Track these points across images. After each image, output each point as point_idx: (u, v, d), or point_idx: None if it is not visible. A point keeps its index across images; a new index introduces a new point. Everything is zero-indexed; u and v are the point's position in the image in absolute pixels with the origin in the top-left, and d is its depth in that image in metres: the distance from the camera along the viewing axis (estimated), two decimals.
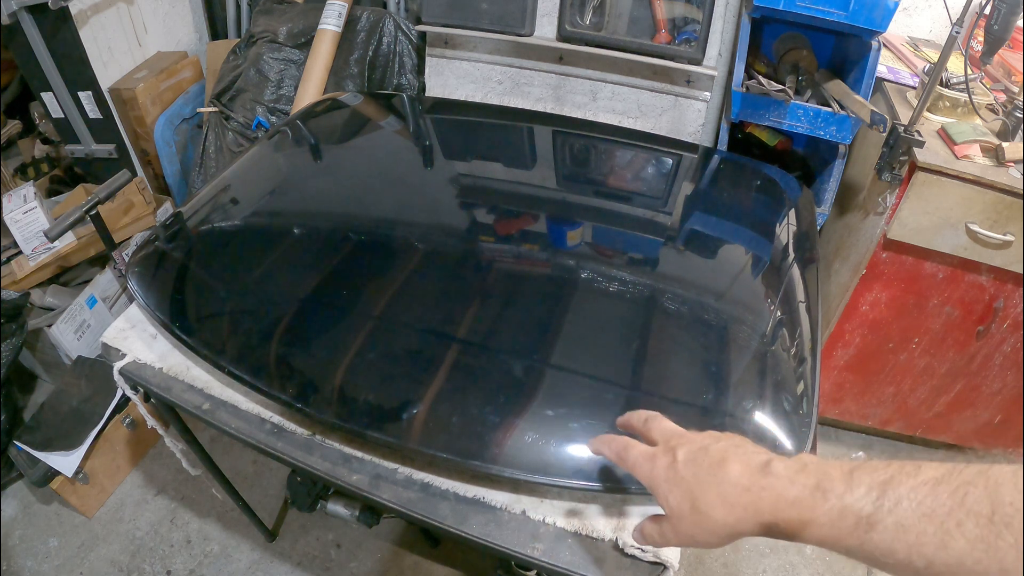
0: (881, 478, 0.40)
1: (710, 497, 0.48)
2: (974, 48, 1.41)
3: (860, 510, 0.40)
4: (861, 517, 0.40)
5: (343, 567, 1.50)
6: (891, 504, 0.39)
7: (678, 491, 0.50)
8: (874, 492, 0.40)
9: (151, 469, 1.69)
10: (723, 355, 0.83)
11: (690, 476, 0.50)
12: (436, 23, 1.57)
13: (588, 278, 0.93)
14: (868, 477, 0.41)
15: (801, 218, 1.12)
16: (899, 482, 0.39)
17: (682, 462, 0.51)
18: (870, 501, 0.40)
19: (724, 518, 0.47)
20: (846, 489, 0.41)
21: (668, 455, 0.52)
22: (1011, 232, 1.25)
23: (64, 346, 1.70)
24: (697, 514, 0.48)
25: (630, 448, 0.56)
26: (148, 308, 0.87)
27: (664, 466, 0.52)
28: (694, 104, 1.52)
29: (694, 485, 0.49)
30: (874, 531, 0.39)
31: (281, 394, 0.75)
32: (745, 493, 0.46)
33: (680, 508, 0.50)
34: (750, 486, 0.46)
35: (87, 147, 1.93)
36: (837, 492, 0.42)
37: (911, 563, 0.37)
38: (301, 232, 1.01)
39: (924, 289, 1.41)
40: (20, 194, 1.69)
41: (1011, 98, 1.34)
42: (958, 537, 0.35)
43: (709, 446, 0.51)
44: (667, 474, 0.51)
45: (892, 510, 0.38)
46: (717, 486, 0.48)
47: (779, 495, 0.45)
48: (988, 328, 1.42)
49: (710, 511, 0.48)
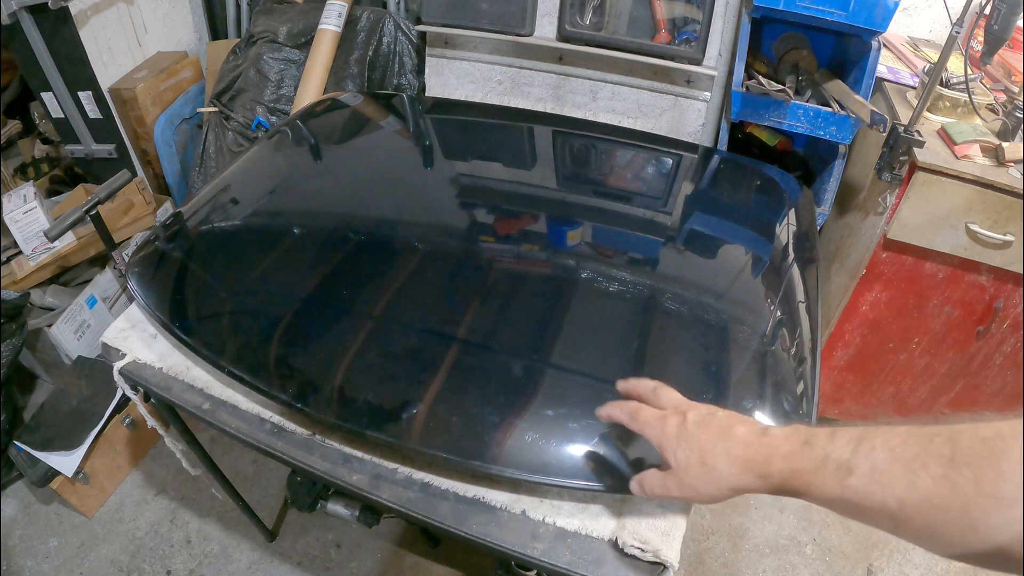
0: (858, 433, 0.46)
1: (717, 451, 0.54)
2: (974, 48, 1.41)
3: (839, 457, 0.46)
4: (841, 463, 0.45)
5: (343, 567, 1.50)
6: (866, 451, 0.44)
7: (687, 446, 0.56)
8: (852, 443, 0.46)
9: (151, 469, 1.69)
10: (723, 355, 0.83)
11: (700, 434, 0.56)
12: (436, 23, 1.57)
13: (588, 278, 0.93)
14: (848, 433, 0.47)
15: (801, 218, 1.12)
16: (874, 435, 0.45)
17: (692, 422, 0.57)
18: (848, 449, 0.45)
19: (728, 469, 0.53)
20: (828, 442, 0.48)
21: (679, 416, 0.58)
22: (1011, 232, 1.25)
23: (64, 346, 1.70)
24: (703, 466, 0.55)
25: (642, 410, 0.61)
26: (148, 308, 0.88)
27: (675, 425, 0.57)
28: (694, 104, 1.52)
29: (704, 441, 0.55)
30: (852, 476, 0.44)
31: (281, 394, 0.75)
32: (747, 448, 0.53)
33: (688, 461, 0.55)
34: (751, 443, 0.53)
35: (87, 147, 1.93)
36: (821, 444, 0.48)
37: (885, 505, 0.42)
38: (301, 232, 1.01)
39: (924, 289, 1.41)
40: (20, 194, 1.69)
41: (1011, 98, 1.34)
42: (924, 476, 0.40)
43: (716, 412, 0.58)
44: (678, 432, 0.57)
45: (867, 456, 0.44)
46: (724, 442, 0.54)
47: (774, 450, 0.51)
48: (988, 328, 1.42)
49: (716, 463, 0.54)
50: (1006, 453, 0.37)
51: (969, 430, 0.40)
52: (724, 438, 0.54)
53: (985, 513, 0.37)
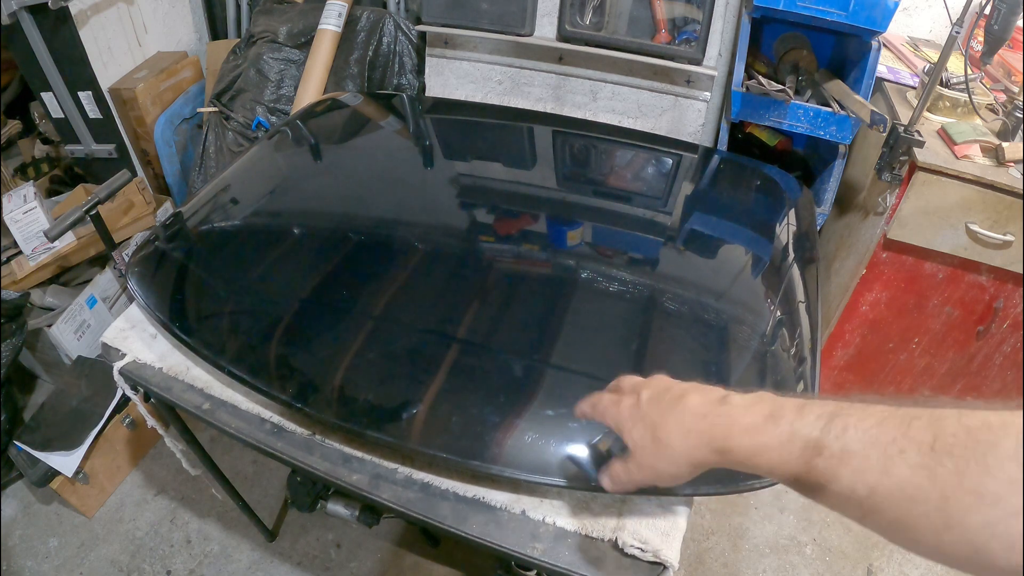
0: (830, 409, 0.41)
1: (669, 426, 0.51)
2: (974, 48, 1.41)
3: (808, 435, 0.41)
4: (809, 441, 0.41)
5: (343, 567, 1.50)
6: (838, 431, 0.40)
7: (641, 425, 0.53)
8: (823, 420, 0.41)
9: (151, 469, 1.69)
10: (723, 355, 0.83)
11: (652, 410, 0.53)
12: (436, 23, 1.57)
13: (588, 278, 0.93)
14: (819, 408, 0.42)
15: (801, 218, 1.12)
16: (848, 413, 0.40)
17: (645, 400, 0.54)
18: (818, 427, 0.41)
19: (681, 444, 0.50)
20: (796, 417, 0.43)
21: (633, 397, 0.55)
22: (1011, 232, 1.25)
23: (64, 346, 1.70)
24: (657, 444, 0.51)
25: (601, 398, 0.59)
26: (148, 308, 0.87)
27: (629, 406, 0.55)
28: (694, 104, 1.52)
29: (656, 417, 0.52)
30: (820, 456, 0.40)
31: (281, 394, 0.75)
32: (702, 420, 0.49)
33: (642, 440, 0.53)
34: (707, 414, 0.49)
35: (87, 147, 1.93)
36: (788, 419, 0.43)
37: (854, 491, 0.38)
38: (301, 232, 1.01)
39: (924, 289, 1.41)
40: (20, 194, 1.69)
41: (1011, 98, 1.34)
42: (900, 464, 0.36)
43: (672, 386, 0.54)
44: (631, 412, 0.54)
45: (839, 436, 0.40)
46: (676, 415, 0.50)
47: (734, 422, 0.47)
48: (988, 328, 1.42)
49: (669, 439, 0.50)
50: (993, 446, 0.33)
51: (953, 416, 0.36)
52: (677, 411, 0.51)
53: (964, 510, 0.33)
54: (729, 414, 0.48)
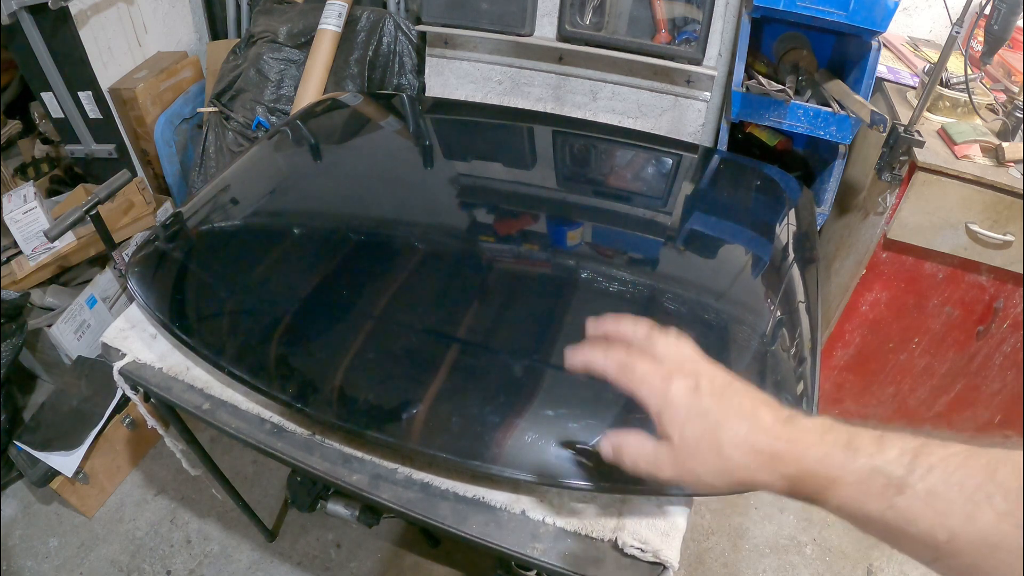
0: (912, 445, 0.38)
1: (736, 437, 0.44)
2: (974, 48, 1.41)
3: (891, 472, 0.38)
4: (892, 479, 0.38)
5: (343, 567, 1.50)
6: (923, 471, 0.37)
7: (700, 423, 0.45)
8: (906, 456, 0.38)
9: (151, 469, 1.69)
10: (723, 355, 0.82)
11: (716, 408, 0.45)
12: (436, 23, 1.57)
13: (588, 278, 0.93)
14: (900, 443, 0.39)
15: (801, 218, 1.12)
16: (931, 451, 0.38)
17: (707, 392, 0.46)
18: (902, 464, 0.38)
19: (745, 461, 0.44)
20: (877, 450, 0.39)
21: (688, 379, 0.47)
22: (1011, 232, 1.25)
23: (64, 346, 1.70)
24: (716, 453, 0.44)
25: (636, 362, 0.49)
26: (148, 308, 0.87)
27: (685, 390, 0.46)
28: (694, 104, 1.52)
29: (721, 419, 0.45)
30: (902, 496, 0.37)
31: (281, 394, 0.75)
32: (774, 441, 0.43)
33: (698, 442, 0.45)
34: (779, 434, 0.43)
35: (87, 147, 1.93)
36: (868, 452, 0.39)
37: (933, 535, 0.36)
38: (301, 232, 1.01)
39: (924, 289, 1.41)
40: (20, 194, 1.69)
41: (1011, 98, 1.34)
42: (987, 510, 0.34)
43: (734, 382, 0.47)
44: (688, 400, 0.46)
45: (924, 476, 0.37)
46: (746, 426, 0.44)
47: (807, 448, 0.42)
48: (988, 328, 1.42)
49: (732, 452, 0.44)
50: None
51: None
52: (745, 420, 0.44)
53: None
54: (801, 439, 0.42)
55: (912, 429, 0.40)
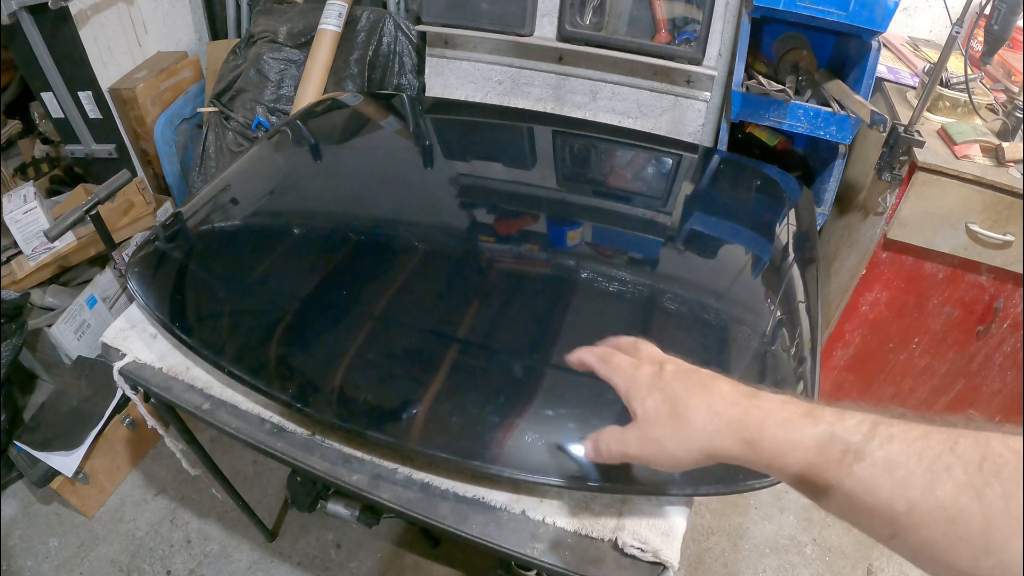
0: (872, 417, 0.39)
1: (694, 403, 0.47)
2: (974, 48, 1.41)
3: (850, 439, 0.39)
4: (850, 445, 0.38)
5: (343, 567, 1.50)
6: (882, 439, 0.38)
7: (659, 395, 0.49)
8: (865, 426, 0.39)
9: (151, 469, 1.69)
10: (723, 355, 0.83)
11: (676, 384, 0.49)
12: (436, 23, 1.57)
13: (588, 278, 0.93)
14: (859, 415, 0.40)
15: (801, 218, 1.12)
16: (890, 423, 0.38)
17: (670, 372, 0.50)
18: (861, 432, 0.39)
19: (704, 426, 0.46)
20: (836, 419, 0.40)
21: (655, 366, 0.52)
22: (1011, 232, 1.25)
23: (64, 346, 1.70)
24: (675, 418, 0.47)
25: (615, 355, 0.55)
26: (148, 308, 0.87)
27: (649, 373, 0.51)
28: (694, 104, 1.52)
29: (679, 390, 0.48)
30: (861, 463, 0.38)
31: (281, 394, 0.75)
32: (733, 406, 0.45)
33: (657, 411, 0.49)
34: (738, 401, 0.46)
35: (87, 147, 1.93)
36: (828, 420, 0.41)
37: (891, 506, 0.36)
38: (301, 232, 1.01)
39: (924, 289, 1.41)
40: (20, 194, 1.69)
41: (1011, 98, 1.34)
42: (946, 481, 0.34)
43: (699, 368, 0.51)
44: (650, 380, 0.50)
45: (883, 444, 0.37)
46: (703, 395, 0.47)
47: (768, 414, 0.44)
48: (988, 328, 1.42)
49: (691, 415, 0.47)
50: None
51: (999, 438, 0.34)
52: (705, 391, 0.47)
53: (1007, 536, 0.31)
54: (762, 406, 0.44)
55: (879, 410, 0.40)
